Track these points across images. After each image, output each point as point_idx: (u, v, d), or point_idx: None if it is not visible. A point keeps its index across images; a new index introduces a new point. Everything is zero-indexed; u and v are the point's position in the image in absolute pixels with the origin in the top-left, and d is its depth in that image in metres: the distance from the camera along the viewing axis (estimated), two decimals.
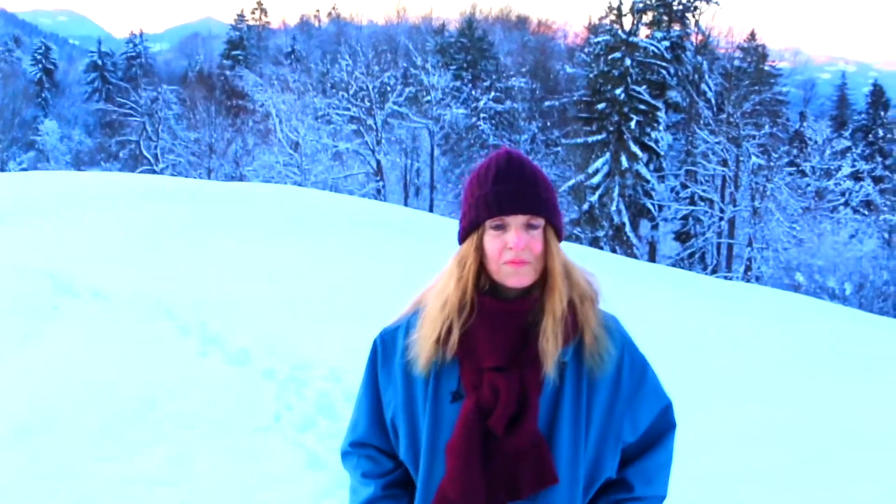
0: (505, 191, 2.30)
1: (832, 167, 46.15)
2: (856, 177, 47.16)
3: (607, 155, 45.16)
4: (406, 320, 2.51)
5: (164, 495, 5.58)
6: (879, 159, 48.83)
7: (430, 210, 47.79)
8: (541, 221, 2.31)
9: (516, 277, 2.30)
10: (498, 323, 2.33)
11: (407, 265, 14.64)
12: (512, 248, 2.27)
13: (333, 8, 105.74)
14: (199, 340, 9.09)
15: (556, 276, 2.32)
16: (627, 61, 46.82)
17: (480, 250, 2.33)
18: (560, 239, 2.36)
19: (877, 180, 47.93)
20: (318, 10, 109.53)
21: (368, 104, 50.43)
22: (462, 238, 2.38)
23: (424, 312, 2.43)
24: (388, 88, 51.71)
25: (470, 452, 2.30)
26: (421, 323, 2.42)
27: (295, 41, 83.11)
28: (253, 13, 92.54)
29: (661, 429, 2.54)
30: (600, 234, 43.48)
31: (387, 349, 2.51)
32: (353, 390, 7.77)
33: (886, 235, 44.32)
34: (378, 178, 50.18)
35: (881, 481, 7.09)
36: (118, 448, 6.22)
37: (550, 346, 2.29)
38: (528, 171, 2.35)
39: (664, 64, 47.85)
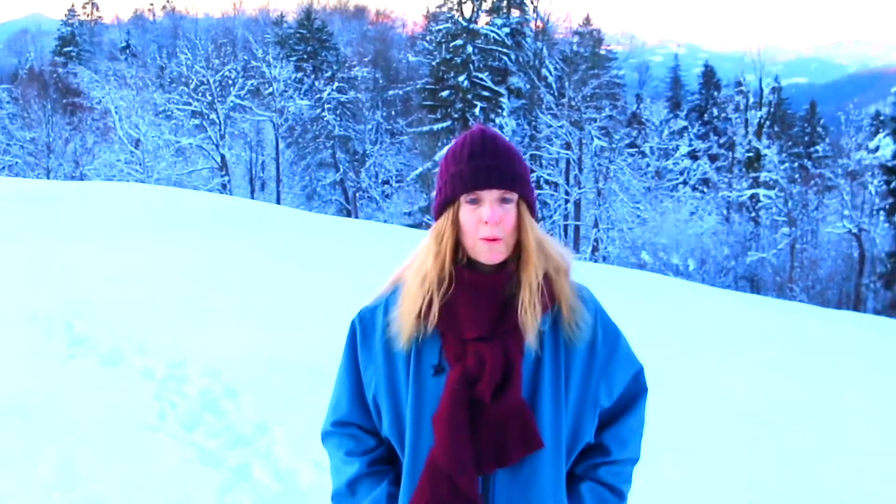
0: (479, 166, 2.37)
1: (670, 147, 47.43)
2: (693, 156, 48.59)
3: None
4: (385, 299, 2.55)
5: (62, 500, 5.40)
6: (714, 138, 50.40)
7: (278, 203, 47.33)
8: (514, 196, 2.38)
9: (489, 254, 2.36)
10: (478, 294, 2.39)
11: (263, 256, 14.56)
12: (487, 221, 2.33)
13: (168, 1, 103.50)
14: (67, 342, 8.85)
15: (530, 250, 2.39)
16: (469, 48, 47.30)
17: (457, 224, 2.39)
18: (533, 214, 2.42)
19: (713, 158, 49.50)
20: (152, 4, 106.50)
21: (210, 98, 49.52)
22: (437, 214, 2.44)
23: (404, 289, 2.47)
24: (230, 82, 50.93)
25: (458, 421, 2.35)
26: (401, 300, 2.46)
27: (130, 36, 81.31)
28: (84, 8, 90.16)
29: (634, 392, 2.63)
30: None
31: (366, 328, 2.55)
32: (233, 386, 7.70)
33: (725, 212, 45.87)
34: (223, 172, 49.41)
35: (754, 451, 7.36)
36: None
37: (529, 317, 2.36)
38: (502, 147, 2.42)
39: (505, 50, 48.44)
